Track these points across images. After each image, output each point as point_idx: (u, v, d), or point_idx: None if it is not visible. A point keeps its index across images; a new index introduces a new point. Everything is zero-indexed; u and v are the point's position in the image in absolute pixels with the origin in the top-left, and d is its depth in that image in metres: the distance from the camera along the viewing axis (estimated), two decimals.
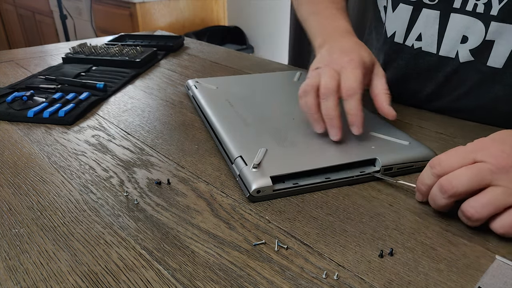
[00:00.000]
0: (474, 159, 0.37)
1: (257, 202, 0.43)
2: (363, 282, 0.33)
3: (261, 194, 0.42)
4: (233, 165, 0.46)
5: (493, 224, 0.36)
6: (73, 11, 2.84)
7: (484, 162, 0.36)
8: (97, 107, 0.68)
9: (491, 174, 0.35)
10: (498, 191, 0.35)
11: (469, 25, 0.57)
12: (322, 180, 0.45)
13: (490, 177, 0.35)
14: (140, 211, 0.41)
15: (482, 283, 0.32)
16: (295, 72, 0.78)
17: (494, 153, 0.36)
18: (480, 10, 0.55)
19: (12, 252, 0.36)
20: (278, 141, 0.50)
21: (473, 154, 0.37)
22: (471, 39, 0.57)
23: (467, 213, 0.36)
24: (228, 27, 2.69)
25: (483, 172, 0.35)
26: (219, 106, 0.60)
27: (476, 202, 0.36)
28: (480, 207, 0.35)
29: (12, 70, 0.85)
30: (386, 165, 0.46)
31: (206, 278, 0.33)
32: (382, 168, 0.46)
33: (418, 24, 0.62)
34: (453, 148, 0.39)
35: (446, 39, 0.60)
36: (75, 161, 0.51)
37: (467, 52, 0.58)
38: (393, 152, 0.48)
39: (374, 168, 0.47)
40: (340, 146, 0.49)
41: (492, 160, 0.35)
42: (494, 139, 0.38)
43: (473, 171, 0.36)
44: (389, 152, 0.48)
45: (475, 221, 0.36)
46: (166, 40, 1.08)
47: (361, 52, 0.52)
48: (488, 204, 0.35)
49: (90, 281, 0.33)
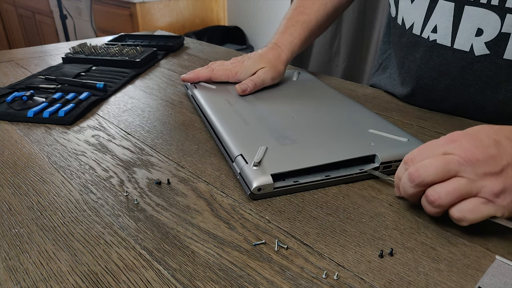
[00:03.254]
0: (444, 151, 0.38)
1: (258, 200, 0.43)
2: (363, 282, 0.33)
3: (262, 192, 0.42)
4: (234, 163, 0.47)
5: (451, 209, 0.37)
6: (73, 11, 2.83)
7: (453, 154, 0.37)
8: (97, 107, 0.68)
9: (459, 165, 0.36)
10: (462, 181, 0.36)
11: (483, 18, 0.56)
12: (322, 178, 0.45)
13: (457, 168, 0.36)
14: (140, 211, 0.41)
15: (482, 283, 0.32)
16: (294, 71, 0.78)
17: (463, 146, 0.37)
18: (495, 3, 0.55)
19: (12, 252, 0.36)
20: (278, 139, 0.50)
21: (444, 147, 0.38)
22: (486, 32, 0.57)
23: (431, 197, 0.37)
24: (228, 27, 2.69)
25: (451, 164, 0.36)
26: (218, 106, 0.61)
27: (442, 188, 0.37)
28: (445, 194, 0.36)
29: (12, 70, 0.85)
30: (385, 161, 0.47)
31: (206, 278, 0.33)
32: (381, 165, 0.47)
33: (434, 15, 0.62)
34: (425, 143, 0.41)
35: (461, 32, 0.59)
36: (75, 161, 0.51)
37: (483, 45, 0.58)
38: (392, 148, 0.48)
39: (373, 164, 0.47)
40: (339, 143, 0.49)
41: (461, 153, 0.36)
42: (467, 133, 0.39)
43: (441, 162, 0.37)
44: (388, 149, 0.48)
45: (437, 207, 0.37)
46: (166, 40, 1.08)
47: (259, 59, 0.71)
48: (452, 192, 0.36)
49: (90, 281, 0.33)
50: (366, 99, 0.72)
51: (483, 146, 0.36)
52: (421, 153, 0.39)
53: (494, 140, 0.37)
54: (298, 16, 0.75)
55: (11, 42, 3.99)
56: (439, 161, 0.37)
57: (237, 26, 2.68)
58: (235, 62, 0.72)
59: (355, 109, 0.60)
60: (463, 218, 0.37)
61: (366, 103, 0.70)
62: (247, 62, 0.70)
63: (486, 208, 0.36)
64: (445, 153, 0.38)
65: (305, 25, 0.74)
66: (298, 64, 2.00)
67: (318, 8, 0.76)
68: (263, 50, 0.72)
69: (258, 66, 0.69)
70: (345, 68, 1.90)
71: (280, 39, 0.74)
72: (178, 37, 1.10)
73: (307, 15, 0.75)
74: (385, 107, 0.69)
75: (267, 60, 0.70)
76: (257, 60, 0.70)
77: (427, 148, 0.40)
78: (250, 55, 0.72)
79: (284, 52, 0.72)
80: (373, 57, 1.78)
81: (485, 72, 0.59)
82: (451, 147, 0.38)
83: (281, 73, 0.71)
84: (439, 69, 0.64)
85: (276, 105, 0.61)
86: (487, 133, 0.38)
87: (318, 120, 0.56)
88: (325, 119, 0.56)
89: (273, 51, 0.72)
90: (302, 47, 0.76)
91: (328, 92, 0.68)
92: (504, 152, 0.36)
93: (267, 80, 0.68)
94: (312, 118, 0.56)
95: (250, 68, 0.69)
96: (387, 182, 0.47)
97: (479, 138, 0.37)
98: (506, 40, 0.56)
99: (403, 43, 0.69)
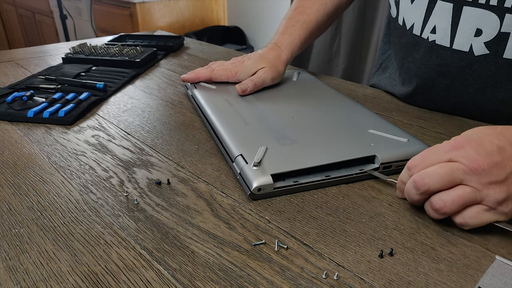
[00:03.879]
0: (449, 158, 0.38)
1: (258, 200, 0.43)
2: (363, 282, 0.33)
3: (262, 192, 0.42)
4: (234, 163, 0.47)
5: (455, 216, 0.38)
6: (73, 11, 2.83)
7: (458, 162, 0.37)
8: (97, 107, 0.68)
9: (463, 174, 0.37)
10: (468, 190, 0.36)
11: (482, 18, 0.56)
12: (322, 178, 0.45)
13: (462, 177, 0.37)
14: (140, 211, 0.41)
15: (482, 283, 0.32)
16: (294, 71, 0.78)
17: (468, 154, 0.37)
18: (494, 3, 0.55)
19: (12, 252, 0.36)
20: (278, 139, 0.50)
21: (448, 154, 0.38)
22: (486, 32, 0.57)
23: (436, 205, 0.38)
24: (228, 27, 2.69)
25: (456, 172, 0.37)
26: (218, 106, 0.61)
27: (447, 196, 0.37)
28: (450, 202, 0.37)
29: (12, 70, 0.85)
30: (385, 162, 0.47)
31: (206, 278, 0.33)
32: (381, 166, 0.47)
33: (433, 16, 0.62)
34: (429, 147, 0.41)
35: (460, 32, 0.59)
36: (75, 161, 0.51)
37: (482, 45, 0.58)
38: (392, 149, 0.48)
39: (373, 165, 0.47)
40: (339, 143, 0.49)
41: (466, 162, 0.36)
42: (471, 138, 0.38)
43: (446, 170, 0.37)
44: (388, 149, 0.48)
45: (441, 214, 0.38)
46: (166, 40, 1.08)
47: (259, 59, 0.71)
48: (457, 201, 0.37)
49: (90, 281, 0.33)
50: (366, 99, 0.72)
51: (487, 154, 0.36)
52: (425, 160, 0.39)
53: (498, 146, 0.37)
54: (298, 17, 0.75)
55: (11, 42, 3.99)
56: (444, 170, 0.37)
57: (237, 26, 2.68)
58: (235, 62, 0.72)
59: (355, 109, 0.60)
60: (465, 224, 0.38)
61: (366, 103, 0.70)
62: (247, 62, 0.70)
63: (488, 215, 0.37)
64: (450, 160, 0.38)
65: (305, 26, 0.75)
66: (298, 64, 2.00)
67: (318, 8, 0.76)
68: (263, 50, 0.73)
69: (258, 66, 0.69)
70: (345, 68, 1.90)
71: (280, 39, 0.74)
72: (178, 37, 1.10)
73: (307, 15, 0.75)
74: (385, 107, 0.69)
75: (267, 60, 0.70)
76: (257, 60, 0.70)
77: (431, 154, 0.39)
78: (250, 55, 0.72)
79: (284, 52, 0.72)
80: (373, 57, 1.78)
81: (485, 72, 0.59)
82: (456, 154, 0.37)
83: (281, 73, 0.71)
84: (438, 69, 0.64)
85: (276, 105, 0.61)
86: (490, 138, 0.38)
87: (318, 120, 0.56)
88: (325, 119, 0.56)
89: (273, 51, 0.72)
90: (302, 48, 0.76)
91: (328, 92, 0.68)
92: (507, 159, 0.36)
93: (267, 80, 0.68)
94: (312, 118, 0.56)
95: (250, 68, 0.69)
96: (387, 182, 0.47)
97: (483, 144, 0.37)
98: (506, 40, 0.56)
99: (403, 43, 0.69)
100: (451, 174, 0.37)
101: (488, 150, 0.36)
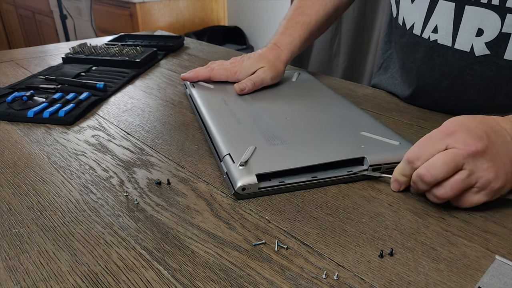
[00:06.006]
0: (446, 145, 0.40)
1: (243, 199, 0.43)
2: (363, 282, 0.33)
3: (246, 192, 0.43)
4: (222, 162, 0.47)
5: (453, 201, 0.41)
6: (73, 11, 2.83)
7: (455, 148, 0.39)
8: (97, 107, 0.68)
9: (463, 159, 0.39)
10: (465, 174, 0.39)
11: (484, 18, 0.56)
12: (309, 179, 0.45)
13: (462, 161, 0.39)
14: (140, 211, 0.41)
15: (482, 283, 0.32)
16: (294, 72, 0.78)
17: (463, 139, 0.39)
18: (496, 2, 0.55)
19: (12, 252, 0.36)
20: (268, 139, 0.50)
21: (444, 141, 0.40)
22: (487, 32, 0.57)
23: (438, 194, 0.40)
24: (228, 27, 2.69)
25: (458, 158, 0.39)
26: (214, 105, 0.61)
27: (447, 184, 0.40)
28: (450, 189, 0.40)
29: (12, 70, 0.85)
30: (374, 164, 0.46)
31: (206, 278, 0.33)
32: (370, 167, 0.46)
33: (434, 15, 0.62)
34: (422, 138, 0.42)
35: (461, 32, 0.59)
36: (75, 161, 0.51)
37: (483, 45, 0.58)
38: (382, 151, 0.48)
39: (362, 167, 0.47)
40: (329, 144, 0.49)
41: (463, 146, 0.39)
42: (460, 123, 0.41)
43: (449, 158, 0.39)
44: (378, 151, 0.48)
45: (442, 200, 0.41)
46: (166, 40, 1.08)
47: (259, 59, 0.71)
48: (457, 187, 0.39)
49: (90, 281, 0.33)
50: (366, 99, 0.72)
51: (478, 138, 0.39)
52: (424, 150, 0.41)
53: (484, 131, 0.40)
54: (298, 17, 0.75)
55: (11, 42, 3.99)
56: (447, 158, 0.39)
57: (237, 26, 2.68)
58: (235, 62, 0.72)
59: (351, 111, 0.60)
60: (461, 205, 0.41)
61: (366, 103, 0.70)
62: (247, 61, 0.70)
63: (478, 196, 0.40)
64: (447, 147, 0.40)
65: (305, 26, 0.75)
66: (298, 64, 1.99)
67: (318, 9, 0.76)
68: (262, 50, 0.73)
69: (258, 65, 0.69)
70: (345, 68, 1.90)
71: (280, 39, 0.74)
72: (178, 37, 1.10)
73: (307, 15, 0.75)
74: (385, 107, 0.69)
75: (267, 60, 0.70)
76: (256, 59, 0.70)
77: (428, 144, 0.41)
78: (249, 55, 0.72)
79: (284, 52, 0.72)
80: (373, 57, 1.78)
81: (486, 73, 0.59)
82: (451, 140, 0.40)
83: (281, 73, 0.71)
84: (439, 69, 0.64)
85: (272, 105, 0.61)
86: (475, 124, 0.40)
87: (312, 121, 0.56)
88: (318, 120, 0.56)
89: (272, 51, 0.72)
90: (302, 48, 0.76)
91: (325, 93, 0.68)
92: (491, 143, 0.39)
93: (266, 80, 0.68)
94: (306, 119, 0.56)
95: (249, 68, 0.69)
96: (382, 180, 0.46)
97: (472, 129, 0.40)
98: (506, 41, 0.56)
99: (403, 43, 0.69)
100: (454, 160, 0.39)
101: (479, 134, 0.39)
